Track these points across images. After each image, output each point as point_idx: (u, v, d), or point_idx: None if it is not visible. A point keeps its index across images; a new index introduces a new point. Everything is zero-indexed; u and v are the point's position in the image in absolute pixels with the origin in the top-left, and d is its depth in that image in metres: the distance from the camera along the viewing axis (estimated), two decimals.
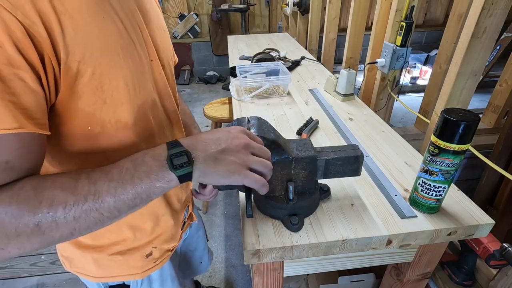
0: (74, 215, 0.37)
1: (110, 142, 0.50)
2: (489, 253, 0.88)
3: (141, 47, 0.50)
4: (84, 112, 0.45)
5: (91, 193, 0.38)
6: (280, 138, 0.59)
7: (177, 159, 0.41)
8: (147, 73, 0.52)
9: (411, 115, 2.99)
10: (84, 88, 0.43)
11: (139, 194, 0.40)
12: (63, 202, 0.37)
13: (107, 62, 0.44)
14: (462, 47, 0.99)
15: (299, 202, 0.62)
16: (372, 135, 0.96)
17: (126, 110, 0.49)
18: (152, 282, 0.70)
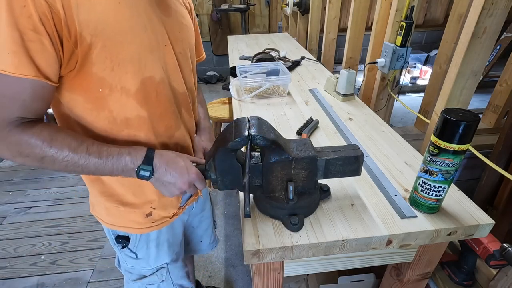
0: (66, 164, 0.55)
1: (116, 104, 0.60)
2: (489, 253, 0.88)
3: (152, 32, 0.60)
4: (96, 76, 0.56)
5: (83, 159, 0.55)
6: (280, 138, 0.59)
7: (142, 172, 0.60)
8: (157, 54, 0.62)
9: (411, 115, 2.99)
10: (97, 57, 0.54)
11: (111, 173, 0.59)
12: (64, 154, 0.54)
13: (117, 38, 0.54)
14: (462, 47, 0.99)
15: (299, 202, 0.62)
16: (372, 135, 0.96)
17: (131, 79, 0.59)
18: (150, 241, 0.79)
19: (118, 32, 0.55)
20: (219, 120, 1.88)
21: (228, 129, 0.59)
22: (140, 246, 0.78)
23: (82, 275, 1.57)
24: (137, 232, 0.76)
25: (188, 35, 0.73)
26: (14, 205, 2.02)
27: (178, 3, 0.71)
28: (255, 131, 0.55)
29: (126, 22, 0.56)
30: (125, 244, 0.78)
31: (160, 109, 0.67)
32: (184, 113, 0.74)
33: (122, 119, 0.62)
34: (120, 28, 0.55)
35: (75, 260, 1.65)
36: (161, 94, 0.65)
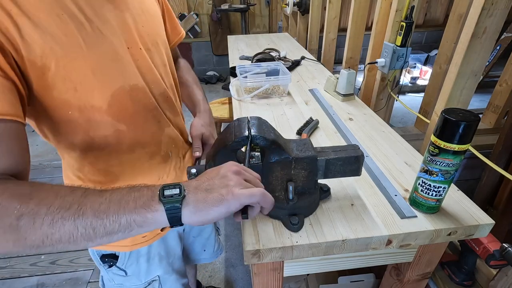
0: (52, 219, 0.37)
1: (91, 124, 0.55)
2: (489, 253, 0.88)
3: (113, 36, 0.54)
4: (60, 100, 0.51)
5: (76, 203, 0.38)
6: (280, 138, 0.59)
7: (169, 190, 0.40)
8: (121, 60, 0.56)
9: (411, 115, 2.99)
10: (53, 80, 0.48)
11: (119, 217, 0.38)
12: (49, 204, 0.37)
13: (69, 55, 0.48)
14: (462, 47, 0.99)
15: (299, 202, 0.62)
16: (372, 135, 0.96)
17: (99, 96, 0.53)
18: (140, 257, 0.74)
19: (69, 47, 0.48)
20: (219, 120, 1.88)
21: (228, 129, 0.59)
22: (129, 262, 0.73)
23: (82, 275, 1.57)
24: (126, 250, 0.71)
25: (155, 25, 0.66)
26: None
27: None
28: (255, 131, 0.55)
29: (76, 35, 0.49)
30: (113, 263, 0.72)
31: (140, 118, 0.61)
32: (168, 114, 0.69)
33: (100, 137, 0.57)
34: (69, 43, 0.48)
35: (75, 260, 1.65)
36: (137, 102, 0.60)
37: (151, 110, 0.63)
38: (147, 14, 0.63)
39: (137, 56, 0.59)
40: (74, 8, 0.49)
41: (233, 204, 0.41)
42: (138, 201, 0.39)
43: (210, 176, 0.43)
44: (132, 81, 0.58)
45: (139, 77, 0.59)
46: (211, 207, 0.40)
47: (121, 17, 0.56)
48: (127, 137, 0.60)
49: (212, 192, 0.41)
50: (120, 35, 0.55)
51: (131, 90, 0.58)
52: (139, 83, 0.59)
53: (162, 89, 0.66)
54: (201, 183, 0.42)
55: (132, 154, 0.62)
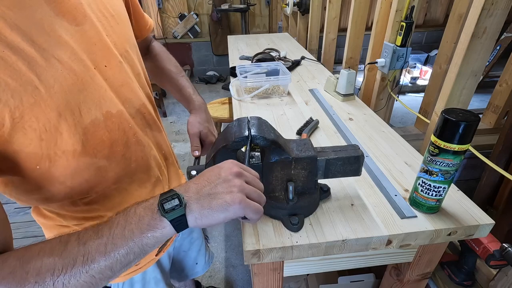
0: (63, 282, 0.35)
1: (66, 172, 0.47)
2: (489, 253, 0.88)
3: (74, 61, 0.44)
4: (24, 154, 0.41)
5: (80, 254, 0.36)
6: (280, 138, 0.59)
7: (168, 203, 0.39)
8: (90, 86, 0.46)
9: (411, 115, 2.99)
10: (11, 135, 0.39)
11: (131, 248, 0.37)
12: (50, 269, 0.35)
13: (24, 101, 0.38)
14: (462, 47, 0.99)
15: (299, 202, 0.62)
16: (372, 135, 0.96)
17: (69, 139, 0.44)
18: (134, 284, 0.69)
19: (22, 92, 0.38)
20: (219, 120, 1.88)
21: (228, 129, 0.59)
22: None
23: None
24: (119, 281, 0.65)
25: (121, 28, 0.55)
26: (14, 205, 2.02)
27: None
28: (255, 131, 0.55)
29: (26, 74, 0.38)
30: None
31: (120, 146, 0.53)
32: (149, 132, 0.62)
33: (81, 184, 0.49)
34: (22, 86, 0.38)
35: None
36: (114, 130, 0.51)
37: (132, 135, 0.55)
38: (110, 16, 0.52)
39: (106, 74, 0.49)
40: (17, 38, 0.38)
41: (238, 212, 0.41)
42: (142, 225, 0.38)
43: (210, 179, 0.42)
44: (105, 107, 0.49)
45: (114, 100, 0.51)
46: (216, 213, 0.40)
47: (80, 32, 0.46)
48: (110, 171, 0.52)
49: (216, 198, 0.40)
50: (82, 56, 0.45)
51: (106, 119, 0.49)
52: (114, 107, 0.51)
53: (139, 106, 0.58)
54: (201, 187, 0.41)
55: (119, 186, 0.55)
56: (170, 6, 3.92)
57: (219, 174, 0.42)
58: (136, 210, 0.39)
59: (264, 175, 0.61)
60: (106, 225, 0.39)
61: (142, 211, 0.39)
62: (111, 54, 0.51)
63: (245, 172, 0.44)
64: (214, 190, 0.40)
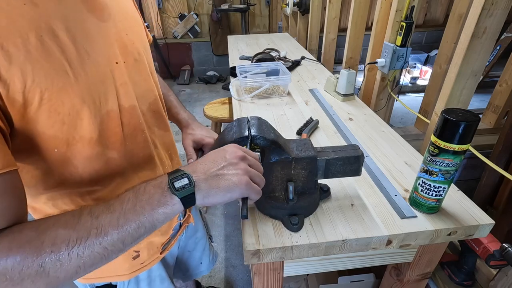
0: (77, 252, 0.37)
1: (79, 158, 0.49)
2: (489, 253, 0.88)
3: (99, 54, 0.47)
4: (45, 136, 0.44)
5: (93, 227, 0.38)
6: (280, 138, 0.59)
7: (178, 182, 0.41)
8: (111, 80, 0.50)
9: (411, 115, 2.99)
10: (37, 115, 0.41)
11: (142, 223, 0.40)
12: (65, 240, 0.36)
13: (55, 85, 0.41)
14: (462, 47, 0.99)
15: (299, 202, 0.62)
16: (372, 135, 0.96)
17: (88, 126, 0.47)
18: (140, 282, 0.70)
19: (54, 76, 0.41)
20: (219, 120, 1.88)
21: (228, 129, 0.59)
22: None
23: None
24: (124, 279, 0.66)
25: (137, 30, 0.59)
26: None
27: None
28: (255, 131, 0.55)
29: (60, 59, 0.42)
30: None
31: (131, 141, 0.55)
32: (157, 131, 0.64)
33: (90, 172, 0.51)
34: (53, 70, 0.41)
35: None
36: (127, 124, 0.54)
37: (141, 131, 0.57)
38: (129, 18, 0.56)
39: (124, 70, 0.52)
40: (55, 26, 0.41)
41: (243, 193, 0.45)
42: (153, 202, 0.41)
43: (217, 161, 0.45)
44: (122, 101, 0.52)
45: (128, 95, 0.54)
46: (222, 193, 0.43)
47: (105, 29, 0.49)
48: (119, 165, 0.54)
49: (224, 179, 0.43)
50: (106, 51, 0.49)
51: (120, 112, 0.52)
52: (127, 101, 0.53)
53: (150, 104, 0.61)
54: (209, 168, 0.44)
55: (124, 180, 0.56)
56: (170, 6, 3.92)
57: (225, 157, 0.45)
58: (145, 188, 0.42)
59: (264, 175, 0.60)
60: (117, 200, 0.41)
61: (152, 189, 0.42)
62: (129, 52, 0.54)
63: (248, 156, 0.47)
64: (221, 171, 0.44)
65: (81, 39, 0.45)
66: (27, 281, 0.35)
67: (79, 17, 0.45)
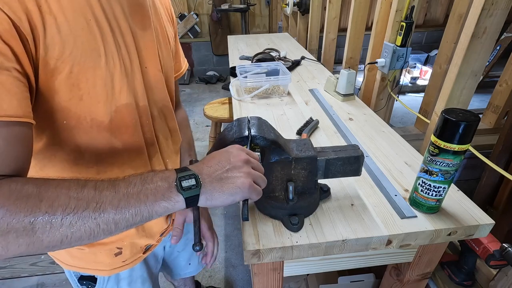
0: (71, 220, 0.36)
1: (85, 137, 0.51)
2: (489, 253, 0.88)
3: (130, 51, 0.52)
4: (59, 106, 0.47)
5: (94, 201, 0.38)
6: (280, 138, 0.59)
7: (186, 181, 0.42)
8: (134, 77, 0.54)
9: (411, 115, 2.99)
10: (61, 84, 0.45)
11: (141, 211, 0.40)
12: (63, 204, 0.36)
13: (86, 63, 0.46)
14: (462, 47, 0.99)
15: (299, 202, 0.62)
16: (372, 135, 0.96)
17: (102, 109, 0.50)
18: (120, 280, 0.70)
19: (88, 55, 0.46)
20: (219, 120, 1.88)
21: (228, 129, 0.59)
22: (108, 287, 0.70)
23: None
24: (104, 274, 0.67)
25: (168, 50, 0.65)
26: None
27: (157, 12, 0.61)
28: (255, 131, 0.55)
29: (98, 43, 0.47)
30: (91, 286, 0.68)
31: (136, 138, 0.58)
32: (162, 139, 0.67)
33: (90, 154, 0.53)
34: (89, 50, 0.46)
35: None
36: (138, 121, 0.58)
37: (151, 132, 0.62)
38: (165, 38, 0.63)
39: (150, 76, 0.58)
40: (102, 16, 0.47)
41: (246, 195, 0.45)
42: (157, 194, 0.41)
43: (221, 164, 0.45)
44: (142, 100, 0.57)
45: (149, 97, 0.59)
46: (225, 196, 0.44)
47: (142, 36, 0.55)
48: (120, 155, 0.56)
49: (228, 183, 0.44)
50: (136, 52, 0.54)
51: (138, 108, 0.56)
52: (143, 102, 0.58)
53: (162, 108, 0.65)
54: (213, 170, 0.44)
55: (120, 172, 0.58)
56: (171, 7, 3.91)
57: (229, 160, 0.45)
58: (153, 178, 0.42)
59: (265, 175, 0.60)
60: (123, 182, 0.41)
61: (159, 181, 0.42)
62: (155, 61, 0.58)
63: (251, 158, 0.48)
64: (226, 174, 0.44)
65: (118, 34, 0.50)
66: (12, 234, 0.34)
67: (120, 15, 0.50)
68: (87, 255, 0.63)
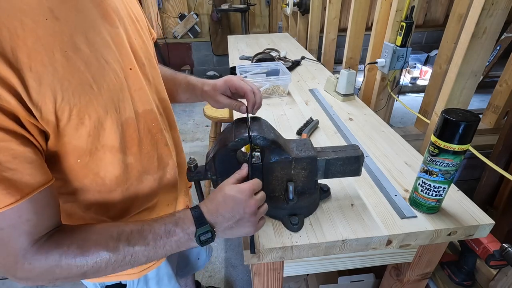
0: (113, 267, 0.45)
1: (100, 165, 0.51)
2: (489, 254, 0.88)
3: (115, 61, 0.47)
4: (71, 146, 0.45)
5: (129, 254, 0.46)
6: (280, 138, 0.59)
7: (203, 235, 0.48)
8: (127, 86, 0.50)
9: (411, 115, 2.99)
10: (65, 129, 0.43)
11: (165, 255, 0.49)
12: (105, 260, 0.44)
13: (82, 100, 0.43)
14: (462, 47, 0.99)
15: (299, 202, 0.62)
16: (372, 135, 0.96)
17: (110, 133, 0.48)
18: (149, 280, 0.71)
19: (80, 91, 0.42)
20: (219, 120, 1.88)
21: (228, 129, 0.59)
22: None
23: None
24: (134, 277, 0.68)
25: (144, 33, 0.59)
26: None
27: None
28: (255, 131, 0.55)
29: (85, 72, 0.42)
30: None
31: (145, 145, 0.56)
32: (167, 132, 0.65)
33: (111, 177, 0.52)
34: (79, 85, 0.42)
35: None
36: (142, 128, 0.55)
37: (156, 133, 0.59)
38: (136, 21, 0.56)
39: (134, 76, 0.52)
40: (76, 39, 0.42)
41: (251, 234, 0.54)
42: (180, 245, 0.49)
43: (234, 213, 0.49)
44: (135, 106, 0.53)
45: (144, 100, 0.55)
46: (234, 236, 0.52)
47: (117, 36, 0.49)
48: (134, 168, 0.56)
49: (238, 231, 0.51)
50: (119, 57, 0.49)
51: (137, 117, 0.53)
52: (142, 106, 0.54)
53: (161, 107, 0.62)
54: (226, 220, 0.49)
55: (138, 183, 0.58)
56: (170, 6, 3.91)
57: (242, 211, 0.49)
58: (176, 230, 0.48)
59: (264, 175, 0.61)
60: (151, 234, 0.47)
61: (181, 234, 0.48)
62: (138, 56, 0.54)
63: (259, 201, 0.51)
64: (236, 224, 0.50)
65: (100, 48, 0.45)
66: (70, 279, 0.44)
67: (96, 26, 0.45)
68: None
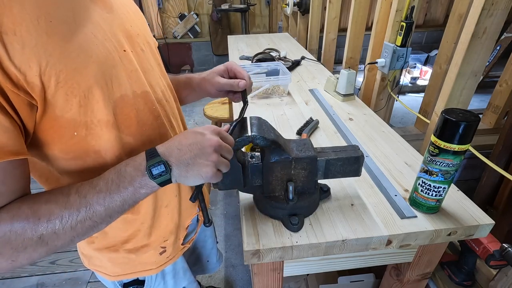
0: (71, 225, 0.43)
1: (100, 142, 0.50)
2: (489, 254, 0.88)
3: (107, 40, 0.48)
4: (64, 119, 0.45)
5: (82, 206, 0.43)
6: (280, 138, 0.59)
7: (155, 169, 0.45)
8: (120, 65, 0.50)
9: (411, 115, 2.99)
10: (55, 97, 0.43)
11: (126, 200, 0.45)
12: (59, 216, 0.42)
13: (69, 66, 0.43)
14: (462, 47, 0.99)
15: (299, 202, 0.62)
16: (372, 135, 0.96)
17: (104, 107, 0.48)
18: (166, 275, 0.73)
19: (67, 57, 0.42)
20: (219, 120, 1.88)
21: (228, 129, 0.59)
22: (157, 283, 0.73)
23: (81, 274, 1.57)
24: (152, 273, 0.69)
25: (141, 23, 0.60)
26: None
27: None
28: (255, 131, 0.55)
29: (71, 42, 0.43)
30: None
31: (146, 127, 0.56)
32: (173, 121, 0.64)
33: (112, 157, 0.52)
34: (65, 53, 0.42)
35: (75, 260, 1.65)
36: (141, 110, 0.54)
37: (157, 116, 0.58)
38: (131, 12, 0.58)
39: (133, 59, 0.53)
40: (62, 14, 0.43)
41: (206, 181, 0.49)
42: (134, 184, 0.45)
43: (192, 148, 0.46)
44: (132, 87, 0.53)
45: (140, 81, 0.54)
46: (189, 179, 0.48)
47: (109, 19, 0.50)
48: (134, 149, 0.54)
49: (193, 169, 0.47)
50: (112, 38, 0.50)
51: (134, 97, 0.53)
52: (139, 88, 0.54)
53: (163, 92, 0.62)
54: (182, 154, 0.46)
55: None
56: (170, 6, 3.92)
57: (200, 145, 0.47)
58: (126, 169, 0.46)
59: (264, 175, 0.61)
60: (101, 180, 0.45)
61: (133, 172, 0.45)
62: (135, 42, 0.56)
63: (222, 144, 0.49)
64: (193, 160, 0.46)
65: (88, 25, 0.46)
66: (30, 249, 0.41)
67: (84, 6, 0.47)
68: (133, 260, 0.65)
